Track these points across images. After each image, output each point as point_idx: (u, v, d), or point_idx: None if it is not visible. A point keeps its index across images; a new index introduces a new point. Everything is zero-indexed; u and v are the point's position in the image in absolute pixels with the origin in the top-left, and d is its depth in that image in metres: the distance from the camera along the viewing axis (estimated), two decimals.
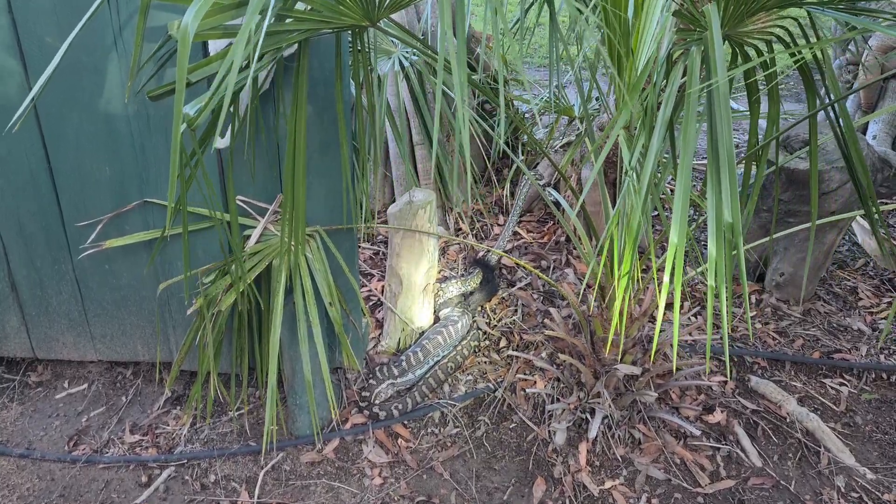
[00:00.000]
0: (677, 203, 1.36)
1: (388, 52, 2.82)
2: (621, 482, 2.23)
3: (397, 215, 2.55)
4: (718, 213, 1.32)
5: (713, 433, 2.41)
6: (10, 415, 2.54)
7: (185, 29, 1.19)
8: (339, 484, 2.23)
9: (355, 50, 1.92)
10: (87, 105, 2.10)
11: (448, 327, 2.72)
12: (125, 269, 2.38)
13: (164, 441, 2.41)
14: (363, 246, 3.51)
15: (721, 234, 1.29)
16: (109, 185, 2.23)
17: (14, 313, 2.50)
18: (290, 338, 2.25)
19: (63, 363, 2.75)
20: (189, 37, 1.19)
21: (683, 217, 1.34)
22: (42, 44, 2.02)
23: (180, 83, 1.18)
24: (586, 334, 2.39)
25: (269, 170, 2.18)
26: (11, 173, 2.23)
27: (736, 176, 1.33)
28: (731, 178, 1.31)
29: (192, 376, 2.67)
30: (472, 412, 2.52)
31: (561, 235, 3.53)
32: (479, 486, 2.23)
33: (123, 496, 2.21)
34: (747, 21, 1.79)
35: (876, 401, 2.60)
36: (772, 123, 2.00)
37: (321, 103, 2.05)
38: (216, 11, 1.44)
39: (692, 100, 1.46)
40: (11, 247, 2.37)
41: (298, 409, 2.37)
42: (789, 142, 3.04)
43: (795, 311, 3.07)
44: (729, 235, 1.28)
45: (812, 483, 2.24)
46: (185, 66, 1.18)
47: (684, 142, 1.45)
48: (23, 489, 2.23)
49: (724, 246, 1.29)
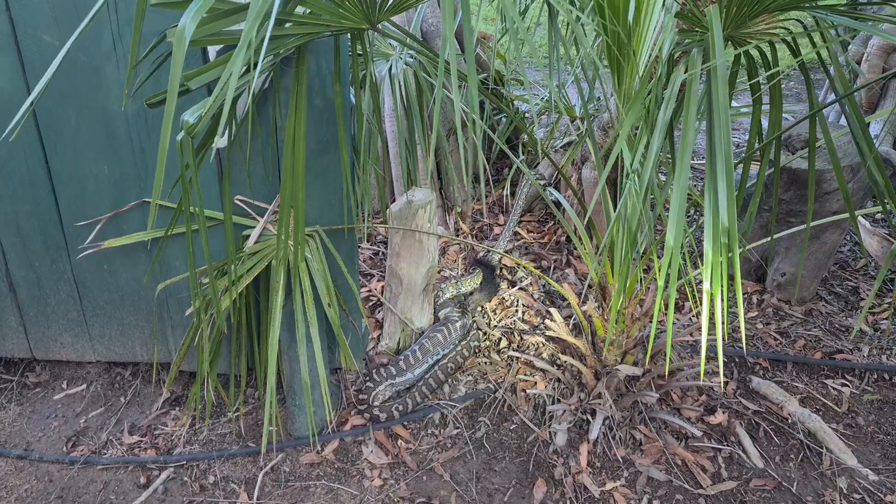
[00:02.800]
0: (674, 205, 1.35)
1: (386, 55, 2.81)
2: (622, 483, 2.21)
3: (397, 215, 2.54)
4: (715, 216, 1.31)
5: (714, 434, 2.40)
6: (8, 415, 2.53)
7: (182, 31, 1.18)
8: (338, 485, 2.22)
9: (354, 52, 1.91)
10: (85, 104, 2.09)
11: (448, 326, 2.71)
12: (123, 269, 2.37)
13: (163, 442, 2.39)
14: (362, 246, 3.50)
15: (717, 237, 1.28)
16: (108, 185, 2.22)
17: (12, 313, 2.49)
18: (289, 338, 2.24)
19: (61, 364, 2.74)
20: (185, 40, 1.17)
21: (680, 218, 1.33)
22: (40, 42, 2.01)
23: (172, 87, 1.17)
24: (587, 335, 2.38)
25: (268, 170, 2.17)
26: (9, 173, 2.21)
27: (734, 179, 1.32)
28: (728, 180, 1.30)
29: (191, 377, 2.66)
30: (472, 413, 2.50)
31: (561, 235, 3.52)
32: (480, 487, 2.22)
33: (122, 497, 2.19)
34: (750, 23, 1.78)
35: (878, 401, 2.59)
36: (773, 127, 1.99)
37: (320, 104, 2.04)
38: (215, 17, 1.43)
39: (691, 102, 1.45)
40: (9, 247, 2.35)
41: (297, 410, 2.36)
42: (791, 141, 3.03)
43: (797, 312, 3.06)
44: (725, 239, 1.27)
45: (814, 484, 2.22)
46: (178, 71, 1.17)
47: (683, 143, 1.44)
48: (21, 490, 2.22)
49: (720, 249, 1.28)
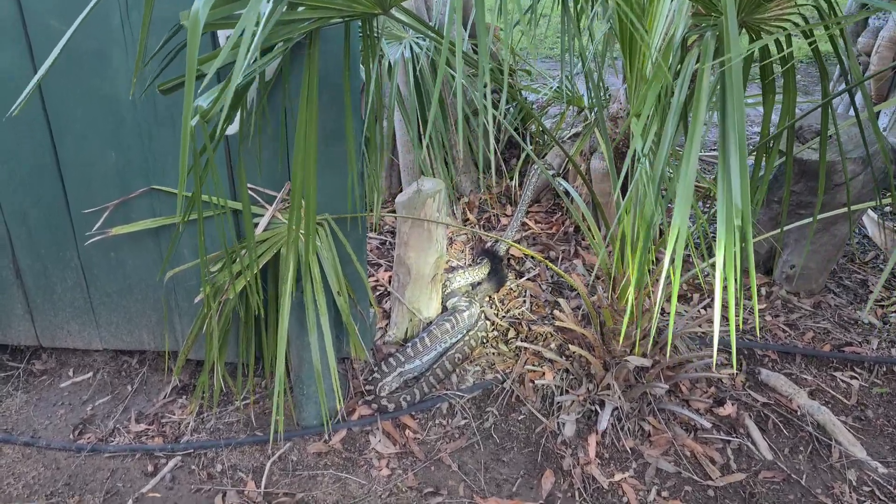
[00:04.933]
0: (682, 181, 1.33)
1: (398, 38, 2.78)
2: (631, 475, 2.21)
3: (406, 204, 2.52)
4: (728, 199, 1.29)
5: (723, 426, 2.39)
6: (14, 403, 2.53)
7: (196, 17, 1.16)
8: (346, 475, 2.22)
9: (365, 36, 1.89)
10: (92, 91, 2.08)
11: (455, 316, 2.70)
12: (131, 257, 2.36)
13: (171, 430, 2.39)
14: (370, 236, 3.49)
15: (731, 222, 1.26)
16: (115, 172, 2.20)
17: (19, 301, 2.48)
18: (298, 327, 2.23)
19: (68, 351, 2.74)
20: (200, 25, 1.16)
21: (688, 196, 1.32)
22: (48, 27, 1.99)
23: (190, 73, 1.15)
24: (596, 325, 2.36)
25: (277, 158, 2.15)
26: (17, 160, 2.20)
27: (747, 161, 1.30)
28: (741, 162, 1.28)
29: (198, 365, 2.65)
30: (480, 403, 2.50)
31: (570, 226, 3.50)
32: (488, 477, 2.21)
33: (129, 485, 2.19)
34: (764, 7, 1.76)
35: (887, 394, 2.58)
36: (785, 114, 1.97)
37: (330, 91, 2.02)
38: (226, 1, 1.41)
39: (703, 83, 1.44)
40: (16, 235, 2.34)
41: (305, 400, 2.35)
42: (801, 132, 3.01)
43: (806, 304, 3.05)
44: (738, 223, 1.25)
45: (823, 477, 2.21)
46: (195, 56, 1.15)
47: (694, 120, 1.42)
48: (28, 477, 2.22)
49: (733, 234, 1.26)
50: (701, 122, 1.42)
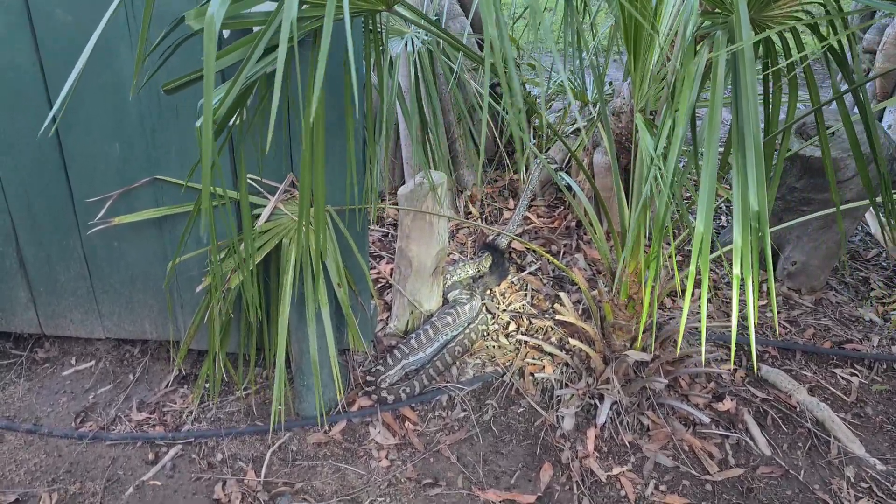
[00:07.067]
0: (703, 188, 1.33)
1: (400, 33, 2.78)
2: (629, 468, 2.22)
3: (408, 196, 2.52)
4: (744, 200, 1.29)
5: (722, 421, 2.40)
6: (17, 391, 2.55)
7: (211, 18, 1.17)
8: (345, 465, 2.23)
9: (367, 31, 1.89)
10: (98, 83, 2.08)
11: (456, 309, 2.71)
12: (133, 246, 2.37)
13: (172, 419, 2.40)
14: (372, 228, 3.49)
15: (747, 222, 1.26)
16: (118, 163, 2.21)
17: (22, 289, 2.50)
18: (298, 318, 2.24)
19: (70, 340, 2.75)
20: (216, 26, 1.17)
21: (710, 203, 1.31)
22: (53, 18, 2.00)
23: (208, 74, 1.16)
24: (596, 320, 2.37)
25: (279, 149, 2.16)
26: (21, 150, 2.21)
27: (762, 160, 1.30)
28: (757, 162, 1.28)
29: (199, 355, 2.66)
30: (479, 396, 2.50)
31: (571, 220, 3.50)
32: (487, 469, 2.23)
33: (130, 473, 2.21)
34: (773, 4, 1.75)
35: (887, 392, 2.58)
36: (789, 111, 1.97)
37: (332, 85, 2.02)
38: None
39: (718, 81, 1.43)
40: (20, 224, 2.35)
41: (306, 390, 2.36)
42: (804, 129, 3.00)
43: (807, 301, 3.05)
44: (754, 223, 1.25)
45: (821, 473, 2.22)
46: (212, 57, 1.16)
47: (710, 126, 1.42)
48: (30, 464, 2.24)
49: (749, 233, 1.26)
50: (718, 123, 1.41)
